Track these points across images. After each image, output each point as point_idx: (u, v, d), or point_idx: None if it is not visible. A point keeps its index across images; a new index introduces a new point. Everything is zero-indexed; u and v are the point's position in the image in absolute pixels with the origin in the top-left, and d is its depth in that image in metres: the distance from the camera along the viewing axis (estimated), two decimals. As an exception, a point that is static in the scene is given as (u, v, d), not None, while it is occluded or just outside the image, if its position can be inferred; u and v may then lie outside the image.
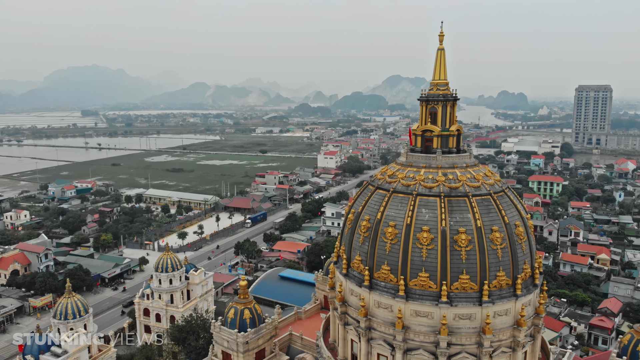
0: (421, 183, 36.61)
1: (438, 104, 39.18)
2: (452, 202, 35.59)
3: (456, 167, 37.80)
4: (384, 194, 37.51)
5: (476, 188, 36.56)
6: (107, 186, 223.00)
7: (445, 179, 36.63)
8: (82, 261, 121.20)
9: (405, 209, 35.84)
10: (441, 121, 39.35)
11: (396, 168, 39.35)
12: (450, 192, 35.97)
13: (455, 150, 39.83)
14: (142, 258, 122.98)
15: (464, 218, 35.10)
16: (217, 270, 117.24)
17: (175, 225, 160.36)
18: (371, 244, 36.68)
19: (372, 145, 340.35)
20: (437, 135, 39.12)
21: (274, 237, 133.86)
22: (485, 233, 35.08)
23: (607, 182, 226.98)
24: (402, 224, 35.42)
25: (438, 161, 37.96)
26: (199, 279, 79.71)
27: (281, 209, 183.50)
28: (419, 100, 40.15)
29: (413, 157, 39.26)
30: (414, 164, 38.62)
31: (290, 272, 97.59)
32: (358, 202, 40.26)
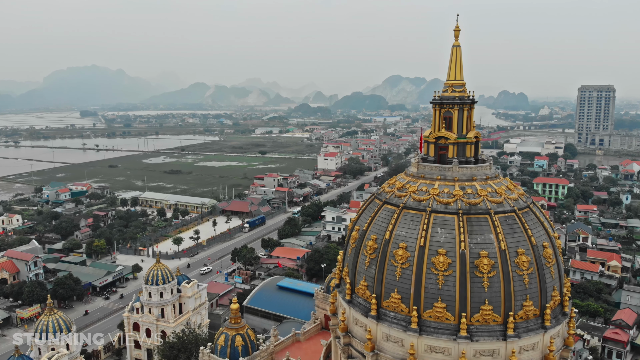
0: (436, 198, 32.07)
1: (454, 107, 34.66)
2: (472, 221, 31.06)
3: (475, 180, 33.27)
4: (393, 210, 32.97)
5: (499, 204, 32.02)
6: (103, 189, 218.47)
7: (463, 194, 32.09)
8: (73, 269, 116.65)
9: (418, 228, 31.31)
10: (457, 127, 34.84)
11: (406, 180, 34.79)
12: (469, 209, 31.43)
13: (473, 160, 35.29)
14: (135, 265, 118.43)
15: (485, 239, 30.56)
16: (212, 278, 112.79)
17: (171, 229, 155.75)
18: (379, 267, 32.14)
19: (372, 146, 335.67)
20: (453, 143, 34.60)
21: (272, 242, 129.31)
22: (510, 257, 30.57)
23: (612, 184, 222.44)
24: (415, 246, 30.88)
25: (454, 173, 33.43)
26: (191, 292, 75.17)
27: (280, 212, 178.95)
28: (432, 103, 35.62)
29: (425, 168, 34.70)
30: (427, 175, 34.06)
31: (288, 282, 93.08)
32: (363, 217, 35.69)
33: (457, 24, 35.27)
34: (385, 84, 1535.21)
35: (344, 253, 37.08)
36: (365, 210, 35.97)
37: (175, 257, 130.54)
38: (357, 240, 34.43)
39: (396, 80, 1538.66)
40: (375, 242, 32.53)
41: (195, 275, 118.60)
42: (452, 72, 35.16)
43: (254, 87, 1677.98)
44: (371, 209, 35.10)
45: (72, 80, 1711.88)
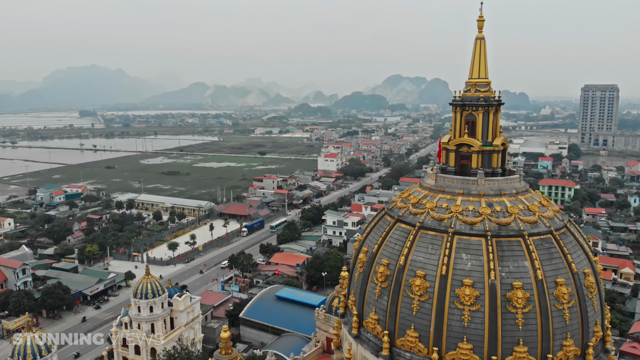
0: (459, 217, 27.27)
1: (478, 109, 29.87)
2: (503, 245, 26.28)
3: (504, 195, 28.47)
4: (408, 230, 28.17)
5: (533, 224, 27.23)
6: (99, 191, 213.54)
7: (491, 212, 27.30)
8: (64, 276, 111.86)
9: (439, 252, 26.53)
10: (482, 132, 30.06)
11: (422, 194, 29.97)
12: (499, 231, 26.64)
13: (501, 171, 30.47)
14: (128, 272, 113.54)
15: (519, 267, 25.80)
16: (208, 287, 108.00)
17: (167, 234, 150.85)
18: (392, 299, 27.36)
19: (373, 147, 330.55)
20: (477, 152, 29.79)
21: (271, 248, 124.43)
22: (548, 288, 25.82)
23: (619, 185, 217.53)
24: (435, 275, 26.12)
25: (480, 186, 28.63)
26: (184, 305, 70.34)
27: (280, 215, 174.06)
28: (452, 105, 30.81)
29: (445, 180, 29.87)
30: (447, 189, 29.25)
31: (287, 292, 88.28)
32: (372, 237, 30.86)
33: (481, 14, 30.51)
34: (385, 83, 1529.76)
35: (350, 277, 32.29)
36: (374, 228, 31.11)
37: (171, 263, 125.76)
38: (366, 265, 29.62)
39: (396, 80, 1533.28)
40: (387, 268, 27.74)
41: (192, 282, 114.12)
42: (476, 69, 30.37)
43: (254, 87, 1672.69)
44: (381, 227, 30.28)
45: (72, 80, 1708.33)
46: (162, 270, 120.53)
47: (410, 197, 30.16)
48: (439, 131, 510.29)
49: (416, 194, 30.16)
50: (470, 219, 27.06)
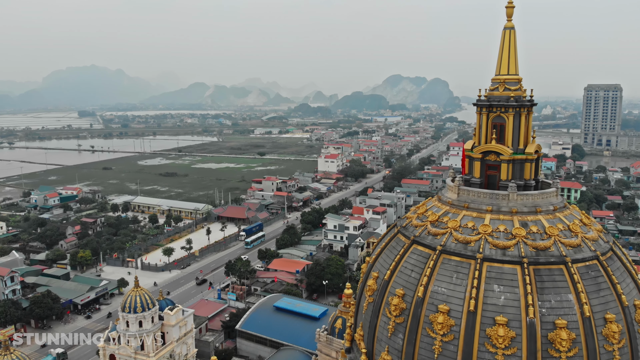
0: (488, 239, 22.91)
1: (508, 111, 25.52)
2: (542, 274, 21.95)
3: (540, 212, 24.11)
4: (427, 255, 23.82)
5: (576, 248, 22.88)
6: (94, 193, 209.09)
7: (526, 233, 22.95)
8: (54, 283, 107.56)
9: (465, 283, 22.18)
10: (512, 138, 25.70)
11: (442, 210, 25.59)
12: (537, 257, 22.29)
13: (533, 183, 26.10)
14: (121, 280, 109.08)
15: (562, 302, 21.47)
16: (204, 295, 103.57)
17: (163, 238, 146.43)
18: (408, 337, 23.00)
19: (374, 147, 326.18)
20: (507, 161, 25.44)
21: (270, 253, 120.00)
22: (597, 326, 21.46)
23: (625, 187, 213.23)
24: (461, 310, 21.77)
25: (512, 202, 24.27)
26: (175, 319, 65.83)
27: (279, 218, 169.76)
28: (477, 105, 26.44)
29: (470, 195, 25.48)
30: (473, 205, 24.87)
31: (286, 302, 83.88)
32: (383, 260, 26.46)
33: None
34: (385, 83, 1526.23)
35: (357, 305, 27.90)
36: (385, 249, 26.70)
37: (166, 269, 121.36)
38: (376, 294, 25.24)
39: (396, 80, 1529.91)
40: (402, 300, 23.38)
41: (187, 290, 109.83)
42: (504, 64, 26.01)
43: (254, 87, 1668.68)
44: (394, 248, 25.88)
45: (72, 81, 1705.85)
46: (157, 277, 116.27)
47: (428, 213, 25.76)
48: (440, 131, 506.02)
49: (435, 210, 25.77)
50: (502, 242, 22.74)
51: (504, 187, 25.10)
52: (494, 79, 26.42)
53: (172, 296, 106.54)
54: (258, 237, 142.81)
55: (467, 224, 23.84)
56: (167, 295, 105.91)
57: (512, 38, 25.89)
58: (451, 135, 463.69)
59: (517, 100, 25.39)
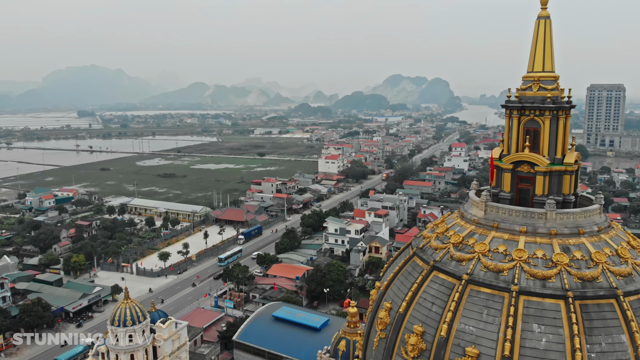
0: (524, 267, 19.27)
1: (544, 114, 21.84)
2: (590, 311, 18.30)
3: (583, 234, 20.43)
4: (451, 285, 20.17)
5: (627, 278, 19.28)
6: (91, 194, 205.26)
7: (569, 260, 19.25)
8: (46, 290, 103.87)
9: (498, 321, 18.54)
10: (548, 146, 21.98)
11: (467, 229, 21.90)
12: (583, 289, 18.64)
13: (573, 199, 22.41)
14: (114, 286, 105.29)
15: (614, 344, 17.88)
16: (200, 302, 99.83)
17: (159, 241, 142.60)
18: (429, 384, 19.32)
19: (375, 148, 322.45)
20: (544, 173, 21.78)
21: (269, 258, 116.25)
22: (658, 373, 17.78)
23: (631, 189, 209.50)
24: (494, 354, 18.09)
25: (550, 222, 20.62)
26: (168, 333, 62.16)
27: (279, 220, 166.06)
28: (505, 107, 22.76)
29: (500, 212, 21.81)
30: (503, 224, 21.20)
31: (286, 311, 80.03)
32: (397, 287, 22.76)
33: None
34: (385, 83, 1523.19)
35: (365, 339, 24.19)
36: (399, 274, 22.98)
37: (162, 275, 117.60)
38: (390, 328, 21.54)
39: (397, 80, 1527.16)
40: (421, 339, 19.71)
41: (183, 297, 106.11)
42: (538, 59, 22.34)
43: (254, 87, 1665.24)
44: (410, 274, 22.17)
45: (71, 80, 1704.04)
46: (152, 283, 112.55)
47: (450, 233, 22.06)
48: (441, 131, 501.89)
49: (457, 230, 22.07)
50: (541, 270, 19.09)
51: (539, 204, 21.45)
52: (527, 77, 22.74)
53: (167, 303, 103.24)
54: (234, 253, 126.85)
55: (498, 248, 20.19)
56: (162, 303, 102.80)
57: (547, 29, 22.24)
58: (452, 136, 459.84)
59: (554, 101, 21.72)
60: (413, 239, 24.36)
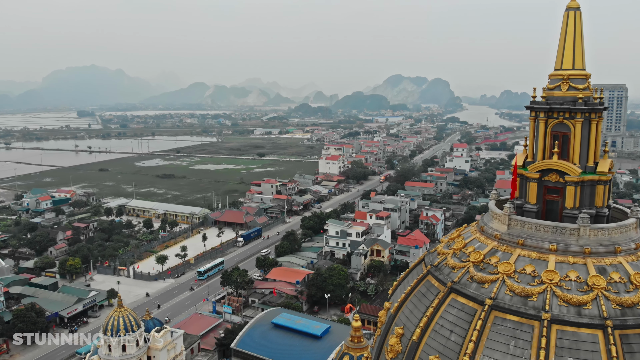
0: (556, 291, 16.96)
1: (575, 117, 19.50)
2: (632, 342, 16.00)
3: (619, 252, 18.10)
4: (472, 310, 17.83)
5: (674, 303, 16.85)
6: (89, 195, 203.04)
7: (606, 284, 16.95)
8: (41, 294, 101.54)
9: (528, 354, 16.23)
10: (580, 153, 19.65)
11: (488, 246, 19.56)
12: (624, 317, 16.32)
13: (606, 212, 20.10)
14: (110, 290, 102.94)
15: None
16: (198, 307, 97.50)
17: (157, 244, 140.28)
18: None
19: (376, 149, 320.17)
20: (575, 183, 19.41)
21: (268, 262, 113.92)
22: None
23: (635, 190, 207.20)
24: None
25: (583, 239, 18.28)
26: (163, 342, 59.88)
27: (278, 222, 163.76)
28: (530, 108, 20.43)
29: (526, 227, 19.46)
30: (530, 241, 18.86)
31: (286, 318, 77.63)
32: (410, 310, 20.40)
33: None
34: (386, 83, 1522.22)
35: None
36: (411, 294, 20.65)
37: (159, 279, 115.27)
38: (401, 358, 19.19)
39: (397, 80, 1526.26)
40: (438, 372, 17.35)
41: (181, 301, 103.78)
42: (568, 55, 20.02)
43: (254, 87, 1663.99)
44: (424, 296, 19.84)
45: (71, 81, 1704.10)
46: (149, 287, 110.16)
47: (469, 249, 19.73)
48: (442, 132, 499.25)
49: (477, 246, 19.75)
50: (575, 296, 16.81)
51: (569, 218, 19.17)
52: (554, 75, 20.46)
53: (164, 308, 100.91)
54: (216, 265, 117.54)
55: (525, 268, 17.89)
56: (159, 309, 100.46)
57: (577, 21, 19.96)
58: (453, 136, 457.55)
59: (586, 102, 19.43)
60: (426, 254, 22.03)
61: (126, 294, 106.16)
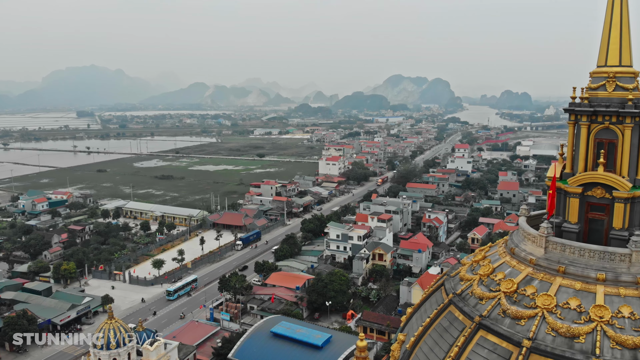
0: (607, 331, 14.16)
1: (623, 121, 16.64)
2: None
3: (680, 282, 15.24)
4: (507, 352, 15.01)
5: None
6: (86, 197, 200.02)
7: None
8: (34, 300, 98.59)
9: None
10: (629, 164, 16.78)
11: (521, 273, 16.72)
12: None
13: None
14: (105, 296, 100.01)
15: None
16: (193, 315, 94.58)
17: (154, 247, 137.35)
18: None
19: (377, 149, 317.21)
20: (625, 199, 16.54)
21: (267, 266, 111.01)
22: None
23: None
24: None
25: (636, 266, 15.46)
26: (156, 355, 57.05)
27: (278, 225, 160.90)
28: (569, 111, 17.63)
29: (567, 251, 16.60)
30: (572, 268, 16.02)
31: (285, 327, 74.77)
32: (429, 349, 17.52)
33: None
34: (386, 83, 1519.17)
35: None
36: (430, 328, 17.76)
37: (156, 283, 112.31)
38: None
39: (397, 80, 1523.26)
40: None
41: (177, 308, 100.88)
42: (614, 50, 17.18)
43: (254, 87, 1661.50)
44: (446, 331, 16.97)
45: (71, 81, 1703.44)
46: (145, 292, 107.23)
47: (498, 276, 16.86)
48: (443, 132, 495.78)
49: (508, 272, 16.88)
50: (630, 337, 14.02)
51: (618, 241, 16.35)
52: (596, 73, 17.62)
53: (160, 315, 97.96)
54: (187, 284, 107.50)
55: (569, 302, 15.08)
56: (155, 315, 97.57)
57: (623, 10, 17.12)
58: (454, 137, 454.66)
59: (637, 105, 16.58)
60: (446, 278, 19.16)
61: (121, 300, 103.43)
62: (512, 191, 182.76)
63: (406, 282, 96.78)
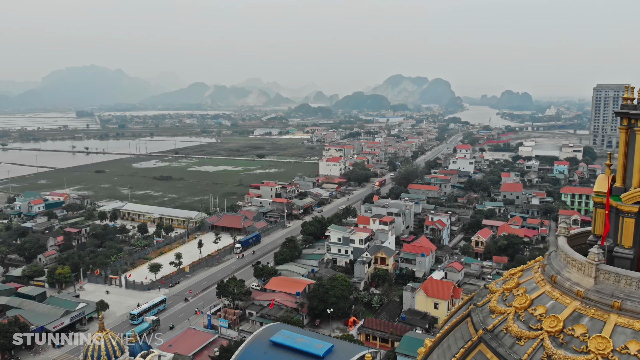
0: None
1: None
2: None
3: None
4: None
5: None
6: (83, 198, 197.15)
7: None
8: (27, 305, 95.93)
9: None
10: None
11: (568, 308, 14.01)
12: None
13: None
14: (100, 302, 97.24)
15: None
16: (190, 322, 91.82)
17: (151, 250, 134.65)
18: None
19: (377, 150, 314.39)
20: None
21: (267, 270, 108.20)
22: None
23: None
24: None
25: None
26: (150, 368, 54.30)
27: (278, 227, 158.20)
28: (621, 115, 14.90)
29: (621, 282, 13.85)
30: (629, 303, 13.30)
31: (285, 336, 71.97)
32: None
33: None
34: (386, 83, 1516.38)
35: None
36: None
37: (152, 288, 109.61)
38: None
39: (397, 80, 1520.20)
40: None
41: (174, 313, 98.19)
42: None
43: (254, 87, 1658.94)
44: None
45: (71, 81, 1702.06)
46: (141, 297, 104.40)
47: (537, 310, 14.17)
48: (444, 132, 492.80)
49: (551, 306, 14.18)
50: None
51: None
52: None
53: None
54: (155, 305, 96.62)
55: (628, 346, 12.44)
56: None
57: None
58: (455, 137, 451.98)
59: None
60: (472, 309, 16.44)
61: (117, 305, 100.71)
62: (516, 192, 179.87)
63: (409, 288, 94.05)
